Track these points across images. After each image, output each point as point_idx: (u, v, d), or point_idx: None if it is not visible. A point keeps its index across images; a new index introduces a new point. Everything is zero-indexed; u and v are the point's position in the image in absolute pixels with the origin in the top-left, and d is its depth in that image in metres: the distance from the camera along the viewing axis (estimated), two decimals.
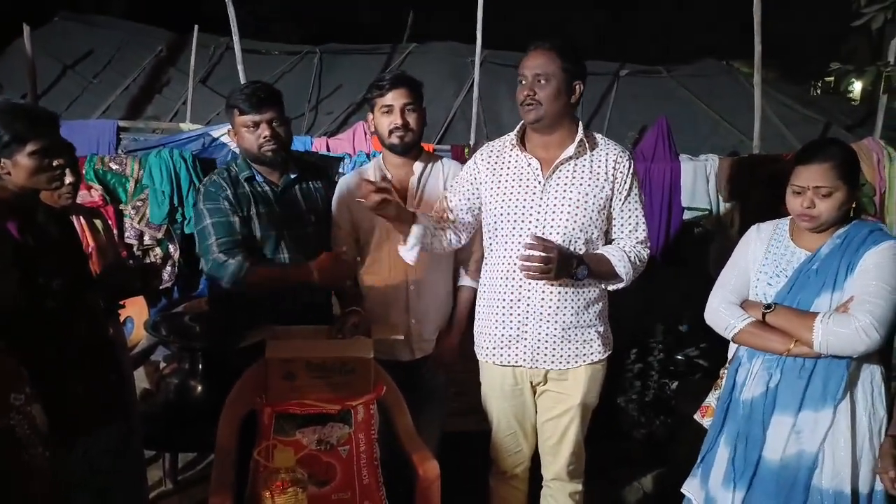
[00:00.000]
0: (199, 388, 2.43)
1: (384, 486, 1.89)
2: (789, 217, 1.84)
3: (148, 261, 3.16)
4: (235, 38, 3.70)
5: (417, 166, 2.23)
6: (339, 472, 1.82)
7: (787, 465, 1.71)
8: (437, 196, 2.23)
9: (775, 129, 4.20)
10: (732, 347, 1.93)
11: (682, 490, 1.96)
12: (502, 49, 4.62)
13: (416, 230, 1.94)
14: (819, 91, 8.41)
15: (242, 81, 3.52)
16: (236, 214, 2.09)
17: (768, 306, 1.76)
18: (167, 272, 3.20)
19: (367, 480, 1.85)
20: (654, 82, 4.89)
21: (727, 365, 1.94)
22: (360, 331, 2.07)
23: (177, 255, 3.19)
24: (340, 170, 3.11)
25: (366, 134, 3.53)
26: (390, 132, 2.16)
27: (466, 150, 3.33)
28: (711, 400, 1.97)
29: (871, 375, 1.72)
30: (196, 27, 4.31)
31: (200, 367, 2.44)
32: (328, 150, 3.41)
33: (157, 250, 3.21)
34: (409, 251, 1.96)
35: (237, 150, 3.05)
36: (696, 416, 2.00)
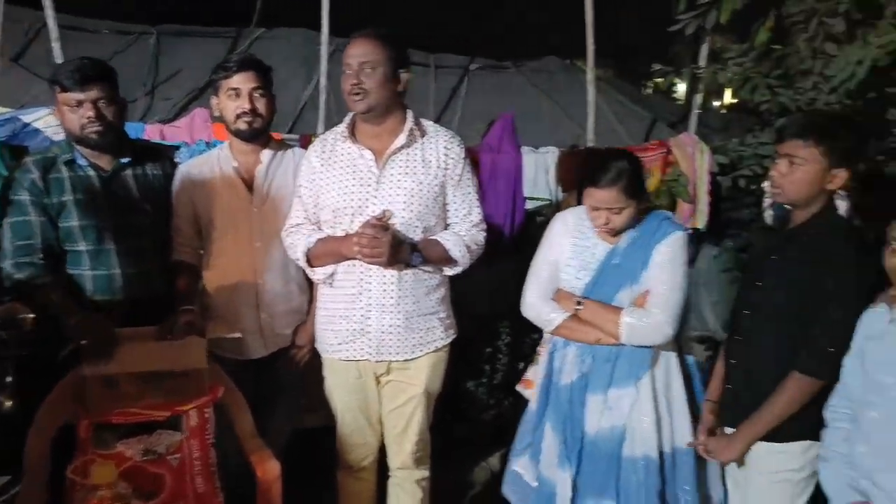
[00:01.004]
0: (9, 403, 2.17)
1: (223, 491, 1.81)
2: None
3: None
4: (49, 12, 3.33)
5: (266, 154, 2.16)
6: (168, 483, 1.72)
7: (603, 437, 1.88)
8: (286, 185, 2.16)
9: (609, 125, 4.50)
10: None
11: (513, 468, 2.08)
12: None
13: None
14: (651, 90, 9.17)
15: (59, 62, 3.18)
16: (39, 208, 1.92)
17: (579, 303, 1.92)
18: None
19: (203, 488, 1.76)
20: (502, 77, 5.05)
21: (542, 344, 2.08)
22: (194, 330, 1.96)
23: None
24: (176, 159, 2.91)
25: (206, 121, 3.33)
26: (237, 117, 2.07)
27: (314, 140, 3.25)
28: (531, 374, 2.12)
29: (667, 357, 1.93)
30: None
31: (10, 379, 2.18)
32: (163, 137, 3.16)
33: None
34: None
35: (55, 138, 2.75)
36: (519, 388, 2.15)
